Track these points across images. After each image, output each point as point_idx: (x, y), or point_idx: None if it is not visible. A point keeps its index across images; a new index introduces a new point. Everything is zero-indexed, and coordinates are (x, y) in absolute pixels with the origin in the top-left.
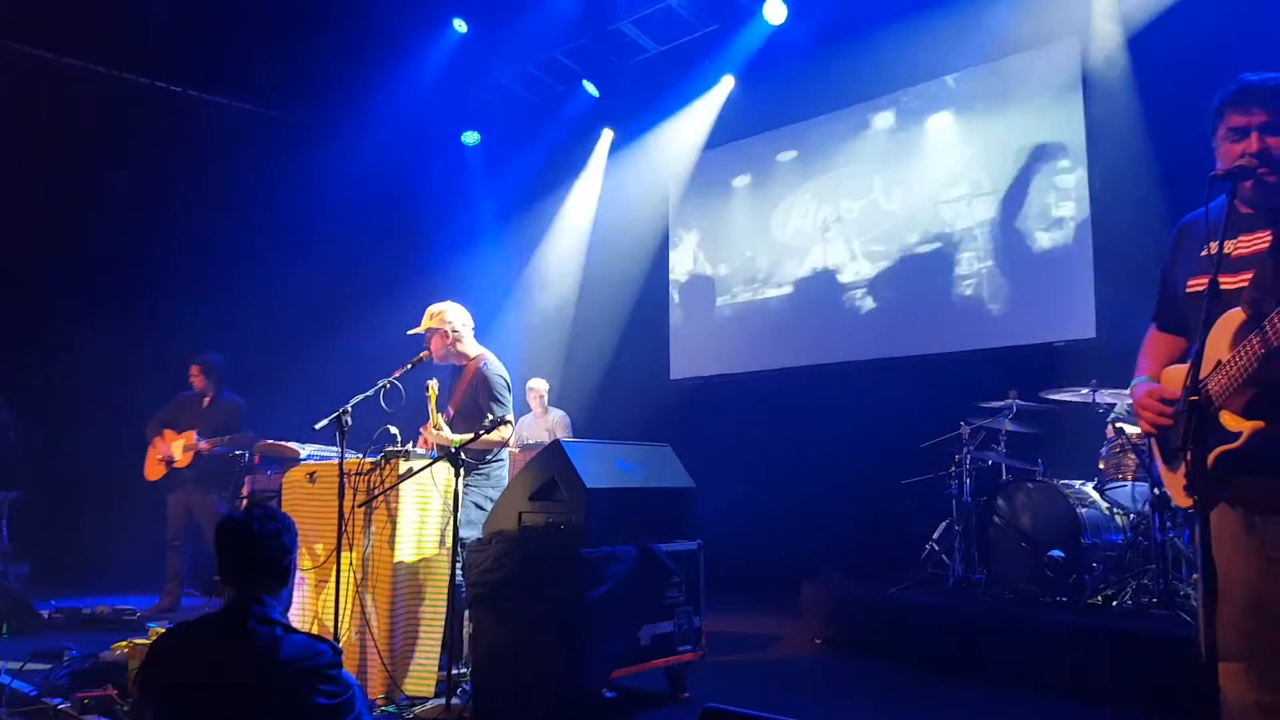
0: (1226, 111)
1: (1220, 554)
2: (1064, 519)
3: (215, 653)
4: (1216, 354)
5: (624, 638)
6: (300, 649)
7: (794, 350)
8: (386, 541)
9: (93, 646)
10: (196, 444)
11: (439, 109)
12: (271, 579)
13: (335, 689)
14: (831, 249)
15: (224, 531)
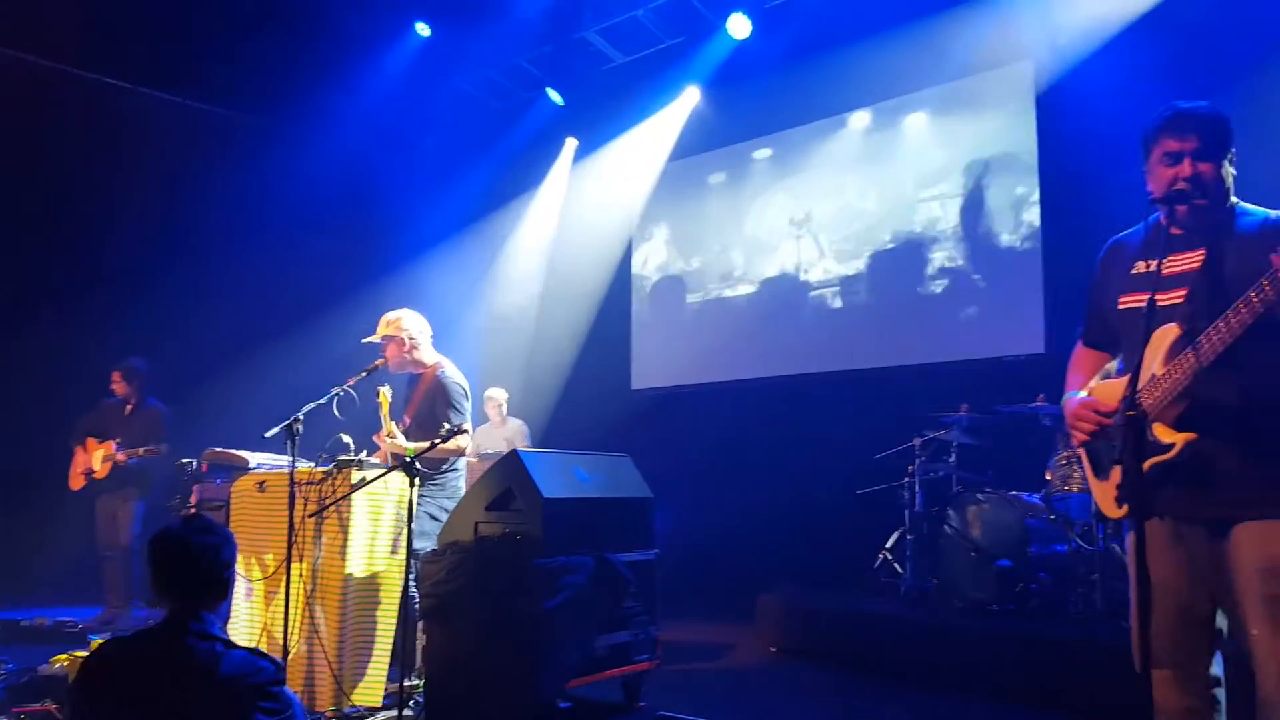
0: (1160, 137)
1: (1152, 564)
2: (1012, 529)
3: (152, 669)
4: (1150, 368)
5: (580, 648)
6: (241, 665)
7: (751, 363)
8: (338, 552)
9: (31, 659)
10: (114, 454)
11: (400, 112)
12: (210, 594)
13: (276, 706)
14: (795, 262)
15: (160, 545)
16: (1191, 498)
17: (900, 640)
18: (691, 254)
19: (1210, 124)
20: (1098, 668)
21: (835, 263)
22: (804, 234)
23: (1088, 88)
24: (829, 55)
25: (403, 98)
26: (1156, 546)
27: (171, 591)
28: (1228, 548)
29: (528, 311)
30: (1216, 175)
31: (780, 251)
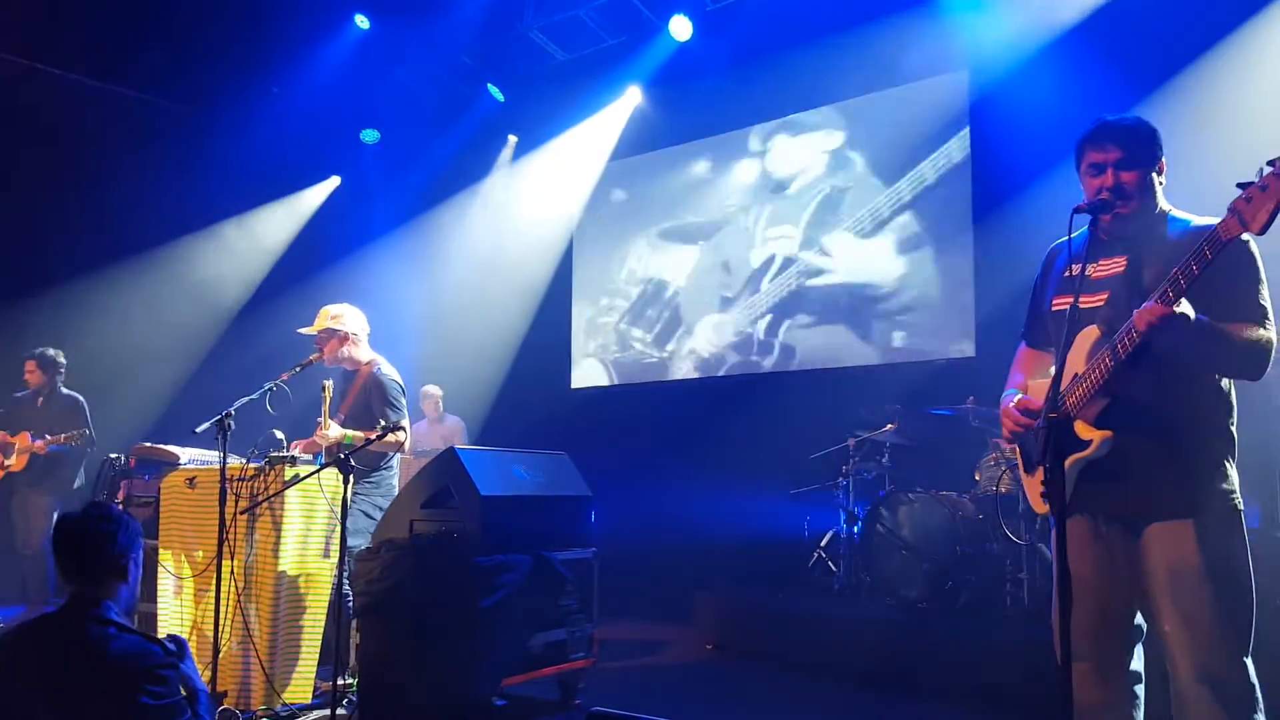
0: (1086, 149)
1: (1072, 560)
2: (942, 528)
3: (45, 650)
4: (1074, 368)
5: (516, 646)
6: (131, 648)
7: (689, 363)
8: (270, 549)
9: None
10: (31, 444)
11: (337, 105)
12: (109, 579)
13: (163, 690)
14: (730, 263)
15: (59, 531)
16: (1108, 495)
17: (834, 637)
18: (631, 252)
19: (1133, 134)
20: (1025, 664)
21: (772, 264)
22: (742, 235)
23: (1020, 97)
24: (769, 59)
25: (342, 90)
26: (1077, 542)
27: (71, 576)
28: (1141, 547)
29: (466, 308)
30: (1142, 183)
31: (718, 252)
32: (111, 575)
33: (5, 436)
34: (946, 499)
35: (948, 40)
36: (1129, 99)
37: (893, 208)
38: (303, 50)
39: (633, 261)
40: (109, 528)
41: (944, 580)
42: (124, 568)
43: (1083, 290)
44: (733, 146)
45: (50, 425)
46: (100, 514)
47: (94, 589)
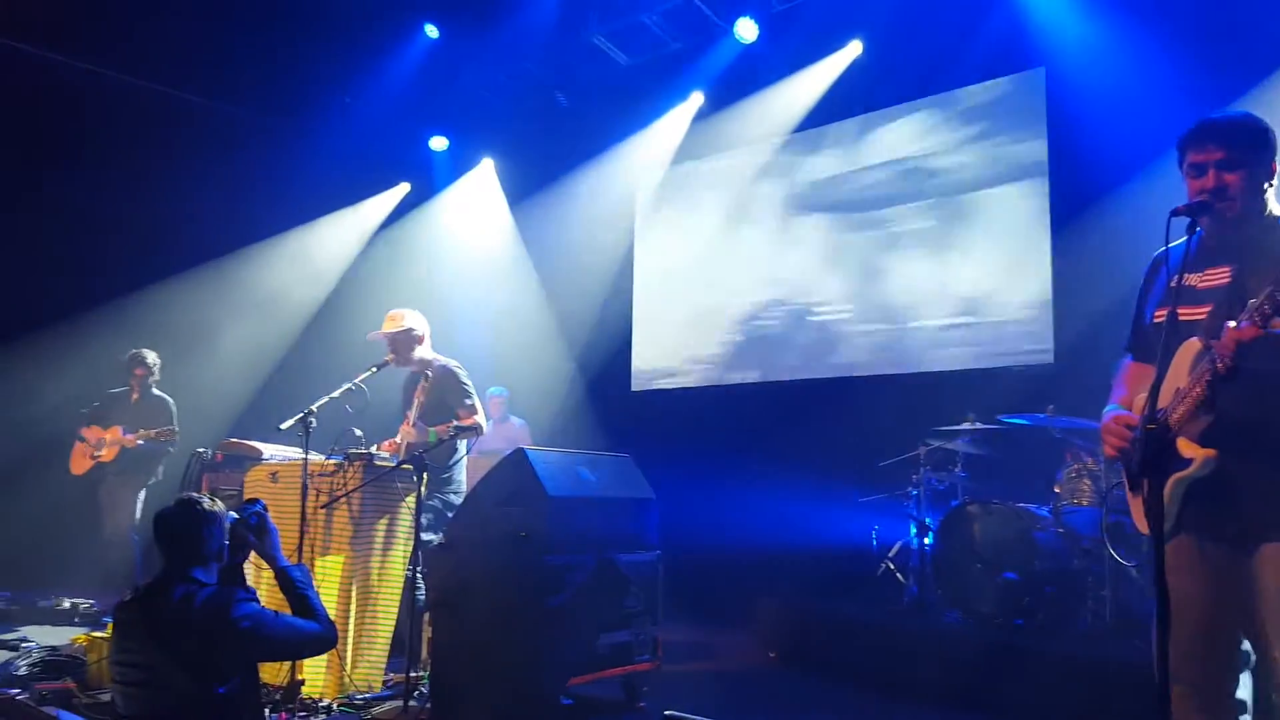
0: (1187, 148)
1: (1176, 580)
2: (1019, 542)
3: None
4: (1176, 382)
5: (582, 645)
6: (213, 594)
7: (754, 366)
8: (347, 542)
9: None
10: (122, 438)
11: (407, 113)
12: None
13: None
14: (797, 266)
15: (156, 522)
16: (1215, 515)
17: (901, 652)
18: (695, 257)
19: (1238, 132)
20: (1105, 685)
21: (841, 267)
22: (808, 236)
23: (1101, 95)
24: (837, 59)
25: (411, 98)
26: (1182, 562)
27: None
28: (1252, 569)
29: (530, 309)
30: (1248, 186)
31: (786, 256)
32: (194, 555)
33: (99, 430)
34: (1024, 511)
35: (1023, 35)
36: (1226, 95)
37: (966, 208)
38: (374, 60)
39: (696, 264)
40: (195, 523)
41: (1021, 596)
42: (207, 556)
43: (1186, 301)
44: (798, 148)
45: (141, 422)
46: (188, 509)
47: (181, 562)
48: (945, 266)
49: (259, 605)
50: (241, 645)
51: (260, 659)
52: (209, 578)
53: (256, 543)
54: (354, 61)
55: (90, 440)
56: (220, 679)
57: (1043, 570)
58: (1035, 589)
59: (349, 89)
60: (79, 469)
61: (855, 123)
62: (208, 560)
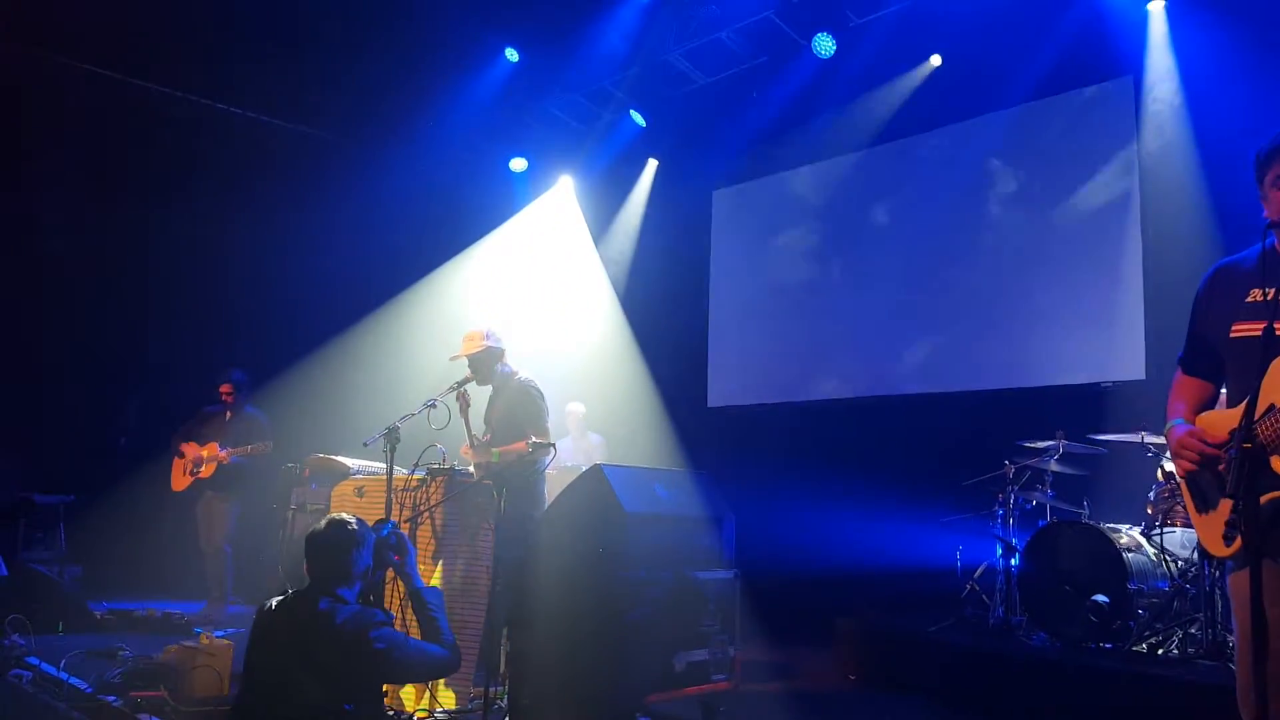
0: (1272, 160)
1: (1267, 606)
2: (1109, 563)
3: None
4: (1270, 398)
5: (659, 663)
6: (355, 612)
7: (834, 383)
8: (429, 557)
9: (144, 648)
10: (219, 454)
11: (488, 135)
12: (334, 575)
13: (387, 635)
14: (875, 281)
15: (308, 541)
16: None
17: (987, 675)
18: (772, 272)
19: None
20: (1198, 712)
21: (925, 282)
22: (893, 253)
23: (1193, 105)
24: (916, 73)
25: (491, 121)
26: (1272, 588)
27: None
28: None
29: (608, 326)
30: None
31: (866, 270)
32: (336, 572)
33: (196, 447)
34: (1115, 532)
35: (1111, 44)
36: None
37: (1055, 221)
38: (457, 85)
39: (772, 279)
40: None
41: (1112, 619)
42: (353, 576)
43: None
44: (877, 161)
45: (235, 438)
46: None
47: (326, 580)
48: (1034, 281)
49: (394, 629)
50: (376, 665)
51: (390, 680)
52: (351, 596)
53: (398, 561)
54: (437, 85)
55: (189, 457)
56: (349, 695)
57: (1135, 592)
58: (1127, 612)
59: (432, 113)
60: (179, 485)
61: (936, 135)
62: (352, 580)
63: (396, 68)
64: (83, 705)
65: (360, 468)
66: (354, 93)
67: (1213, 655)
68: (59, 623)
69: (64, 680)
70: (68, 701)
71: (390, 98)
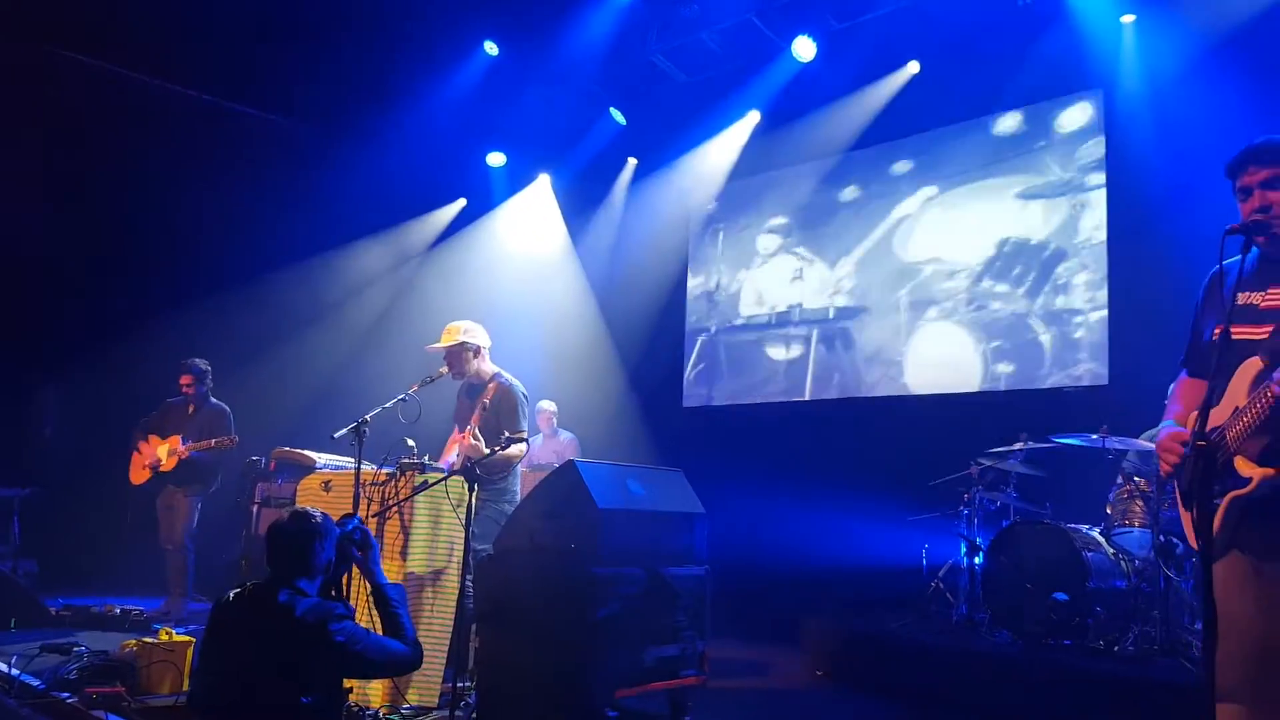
0: (1234, 175)
1: (1229, 598)
2: (1070, 562)
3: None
4: (1235, 400)
5: (628, 658)
6: (314, 605)
7: (808, 383)
8: (398, 552)
9: (100, 644)
10: (181, 449)
11: (465, 129)
12: (297, 569)
13: (346, 628)
14: (848, 286)
15: (269, 533)
16: (1270, 535)
17: (951, 671)
18: (747, 274)
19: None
20: (1154, 707)
21: (894, 287)
22: (865, 258)
23: (1160, 117)
24: (894, 79)
25: (469, 115)
26: (1232, 581)
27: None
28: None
29: (582, 325)
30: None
31: (839, 274)
32: (298, 565)
33: (157, 440)
34: (1075, 531)
35: (1080, 59)
36: None
37: (1021, 229)
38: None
39: (749, 281)
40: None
41: (1071, 616)
42: (314, 568)
43: (1246, 319)
44: (853, 167)
45: (198, 431)
46: (302, 521)
47: (287, 573)
48: (1000, 285)
49: (355, 622)
50: (334, 658)
51: (349, 674)
52: (312, 589)
53: (360, 557)
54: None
55: (148, 450)
56: (307, 689)
57: (1094, 590)
58: (1086, 609)
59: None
60: (138, 479)
61: (912, 141)
62: (314, 572)
63: (373, 58)
64: (35, 702)
65: (327, 462)
66: (329, 82)
67: (1167, 652)
68: (11, 619)
69: (15, 677)
70: (19, 699)
71: (366, 88)
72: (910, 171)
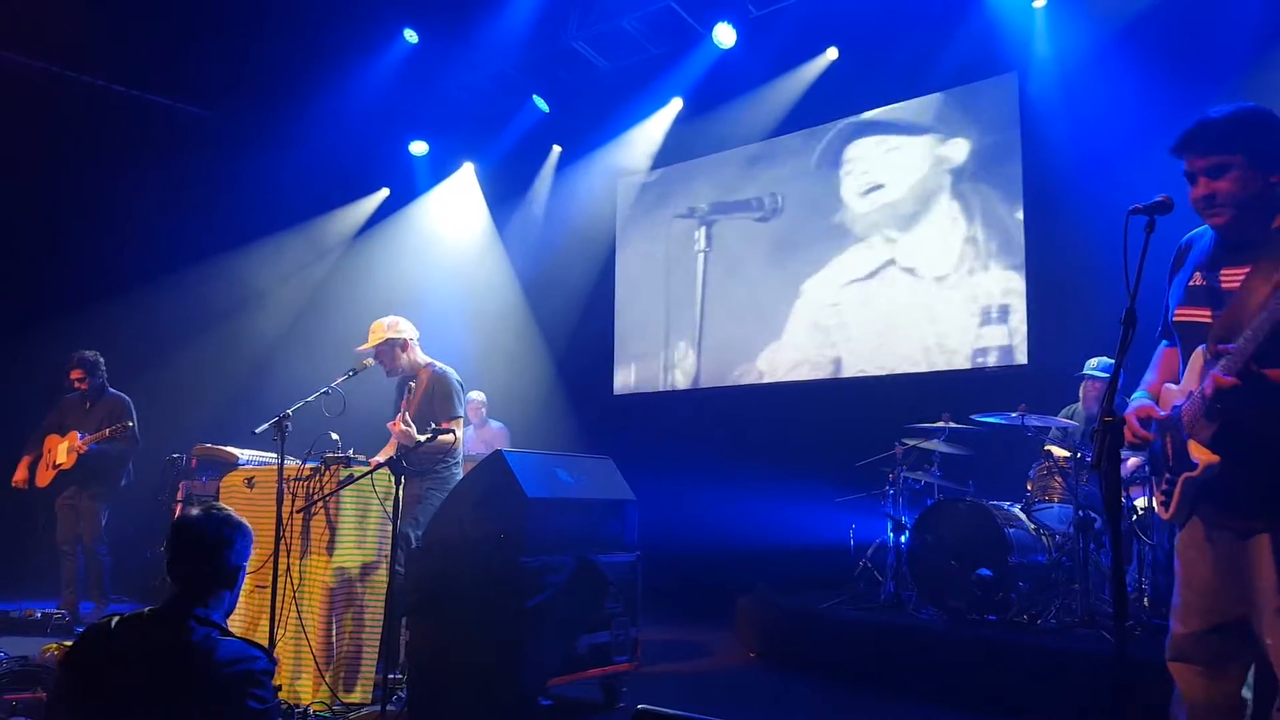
0: (1179, 157)
1: (1184, 560)
2: (992, 538)
3: (149, 649)
4: (1190, 384)
5: (561, 646)
6: (236, 652)
7: (735, 368)
8: (325, 547)
9: (19, 649)
10: (78, 444)
11: (387, 118)
12: (216, 583)
13: (265, 694)
14: (771, 271)
15: (179, 532)
16: (1218, 513)
17: (879, 647)
18: (673, 261)
19: (1222, 134)
20: (1076, 678)
21: (816, 270)
22: (784, 242)
23: (1073, 100)
24: (813, 65)
25: (390, 103)
26: (1191, 545)
27: (181, 577)
28: (1248, 556)
29: (509, 314)
30: (1243, 188)
31: (761, 260)
32: (220, 582)
33: (56, 439)
34: (997, 509)
35: (995, 42)
36: (1191, 97)
37: (939, 212)
38: (354, 64)
39: (675, 268)
40: (229, 534)
41: (994, 591)
42: (234, 575)
43: (1200, 302)
44: (775, 153)
45: (98, 425)
46: (222, 520)
47: (201, 590)
48: (919, 268)
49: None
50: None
51: None
52: (221, 617)
53: None
54: (334, 66)
55: (49, 450)
56: None
57: (1016, 566)
58: (1008, 584)
59: (329, 93)
60: (42, 481)
61: (831, 127)
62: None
63: (293, 47)
64: None
65: (250, 458)
66: (246, 72)
67: (1087, 623)
68: None
69: None
70: None
71: (285, 78)
72: (830, 155)
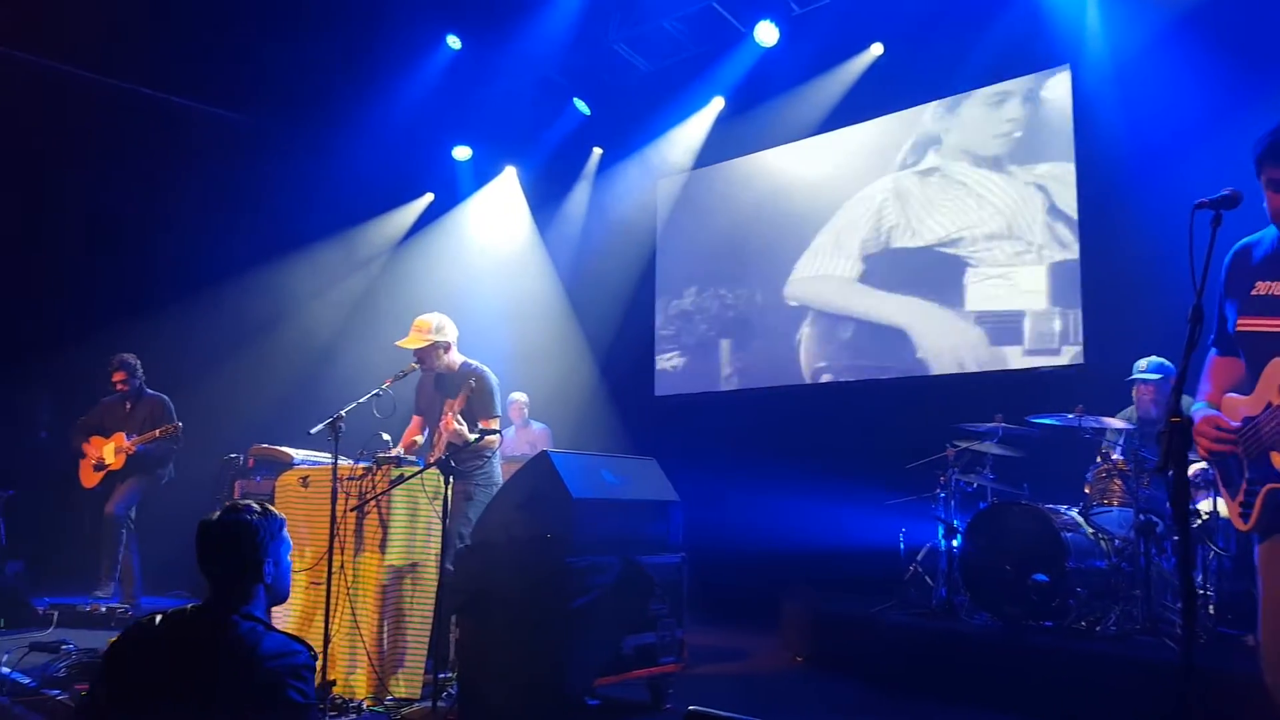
0: (1265, 164)
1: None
2: (1048, 543)
3: (193, 643)
4: (1267, 395)
5: (607, 647)
6: (279, 646)
7: (781, 369)
8: (377, 546)
9: (88, 642)
10: (126, 444)
11: (429, 123)
12: (246, 579)
13: (306, 688)
14: (821, 269)
15: (200, 534)
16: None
17: (930, 654)
18: (716, 261)
19: None
20: (1137, 686)
21: (866, 269)
22: (834, 241)
23: (1129, 93)
24: (858, 61)
25: (433, 109)
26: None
27: (212, 575)
28: None
29: (552, 315)
30: None
31: (810, 258)
32: (251, 577)
33: (101, 440)
34: (1053, 512)
35: (1047, 35)
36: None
37: (993, 211)
38: (398, 71)
39: (718, 269)
40: (243, 530)
41: (1051, 597)
42: (259, 566)
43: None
44: (819, 151)
45: (140, 425)
46: (235, 519)
47: (234, 587)
48: (973, 266)
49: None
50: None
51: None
52: (263, 610)
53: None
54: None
55: (93, 452)
56: None
57: (1073, 571)
58: (1066, 590)
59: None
60: (89, 482)
61: (877, 124)
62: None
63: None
64: (26, 700)
65: (304, 458)
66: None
67: (1149, 631)
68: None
69: (6, 675)
70: (10, 696)
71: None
72: (879, 154)
